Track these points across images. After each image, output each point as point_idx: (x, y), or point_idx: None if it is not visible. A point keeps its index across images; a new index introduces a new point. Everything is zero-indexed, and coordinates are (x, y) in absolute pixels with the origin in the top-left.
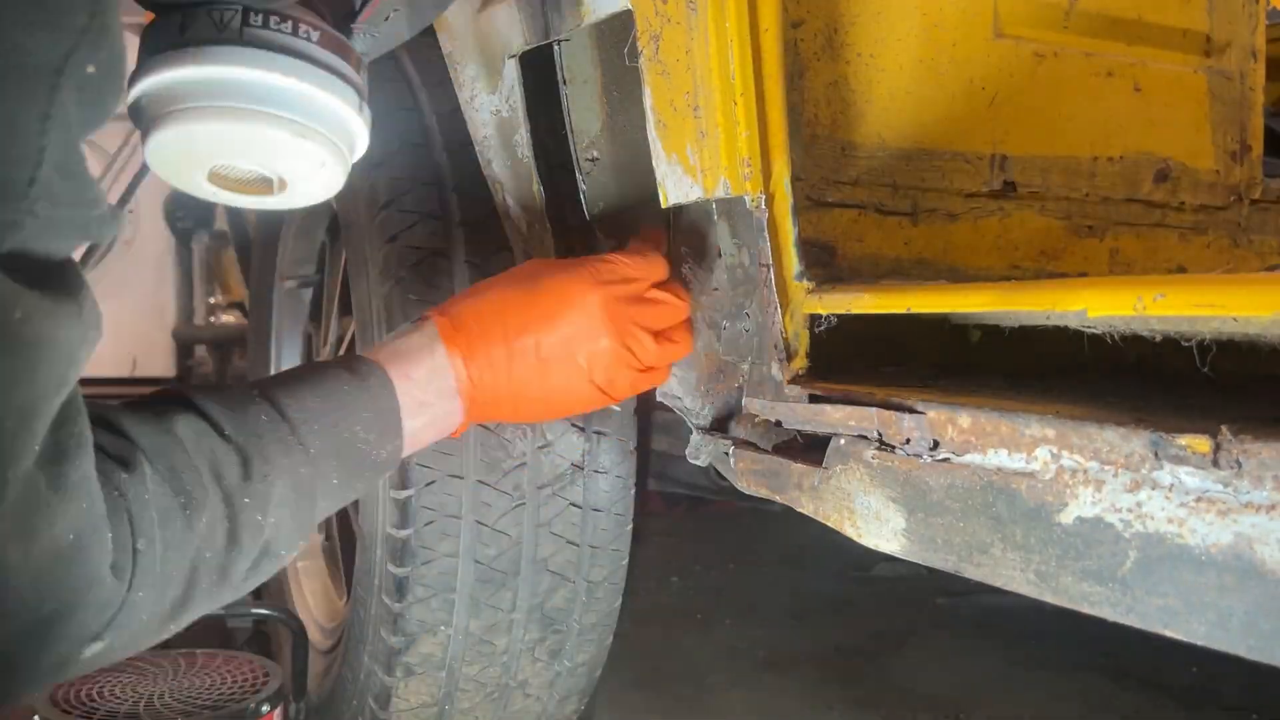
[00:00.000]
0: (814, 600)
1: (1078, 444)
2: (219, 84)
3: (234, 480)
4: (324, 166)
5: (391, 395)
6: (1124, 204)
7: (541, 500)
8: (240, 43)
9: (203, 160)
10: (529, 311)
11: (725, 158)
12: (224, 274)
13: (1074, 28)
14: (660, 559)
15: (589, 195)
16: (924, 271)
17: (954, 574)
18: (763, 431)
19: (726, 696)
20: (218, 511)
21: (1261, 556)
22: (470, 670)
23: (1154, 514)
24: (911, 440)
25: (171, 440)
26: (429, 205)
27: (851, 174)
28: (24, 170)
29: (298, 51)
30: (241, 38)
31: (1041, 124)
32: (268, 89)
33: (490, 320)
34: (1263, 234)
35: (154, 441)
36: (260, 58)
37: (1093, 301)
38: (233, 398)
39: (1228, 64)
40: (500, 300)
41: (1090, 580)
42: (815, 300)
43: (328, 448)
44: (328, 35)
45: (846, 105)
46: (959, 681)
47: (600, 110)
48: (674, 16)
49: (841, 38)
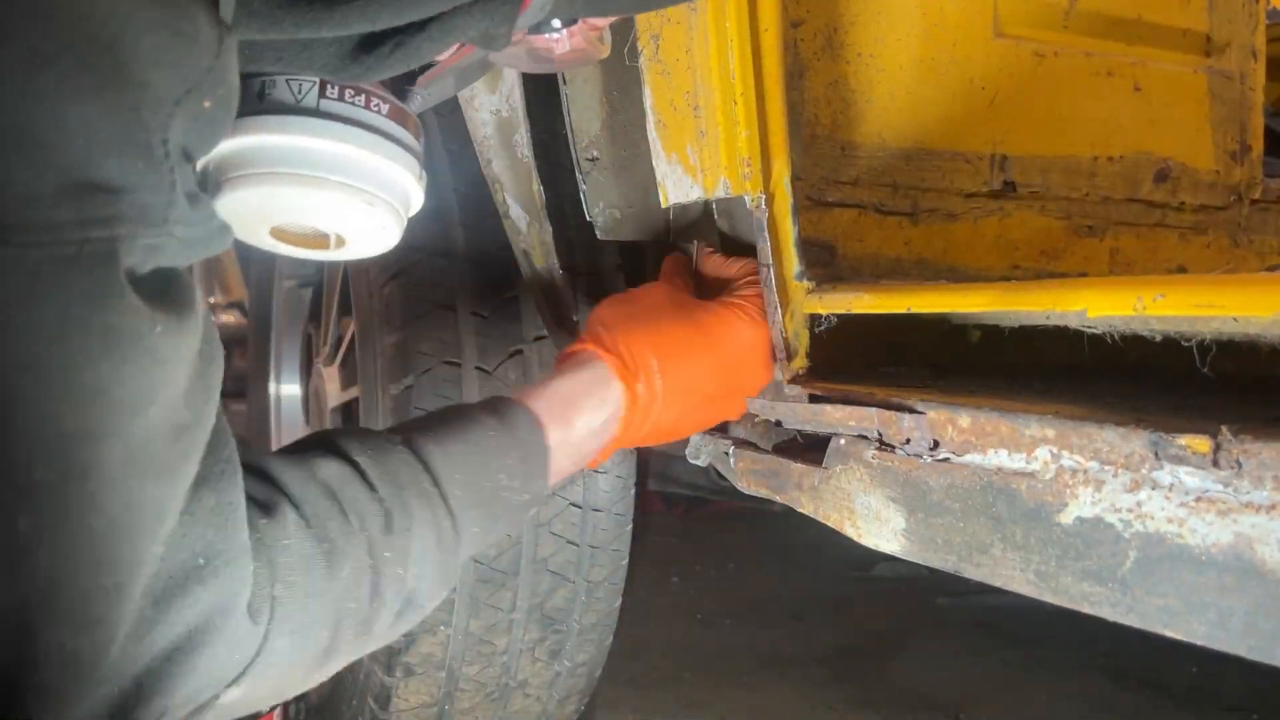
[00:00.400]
0: (814, 600)
1: (1078, 444)
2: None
3: (376, 531)
4: (385, 229)
5: (540, 441)
6: (1124, 204)
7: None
8: (317, 114)
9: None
10: (708, 355)
11: (725, 157)
12: (224, 274)
13: (1074, 28)
14: (660, 559)
15: (589, 195)
16: (924, 271)
17: (954, 574)
18: (763, 431)
19: (726, 696)
20: (361, 562)
21: (1261, 556)
22: (470, 670)
23: (1154, 514)
24: (911, 440)
25: (316, 486)
26: (429, 205)
27: (851, 174)
28: (162, 195)
29: (369, 125)
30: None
31: (1041, 124)
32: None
33: (670, 360)
34: (1263, 234)
35: (299, 487)
36: (336, 130)
37: (1093, 301)
38: (378, 444)
39: (1228, 64)
40: (675, 339)
41: (1090, 580)
42: (815, 300)
43: (469, 498)
44: (396, 108)
45: (846, 105)
46: (959, 681)
47: (600, 110)
48: (674, 16)
49: (841, 38)
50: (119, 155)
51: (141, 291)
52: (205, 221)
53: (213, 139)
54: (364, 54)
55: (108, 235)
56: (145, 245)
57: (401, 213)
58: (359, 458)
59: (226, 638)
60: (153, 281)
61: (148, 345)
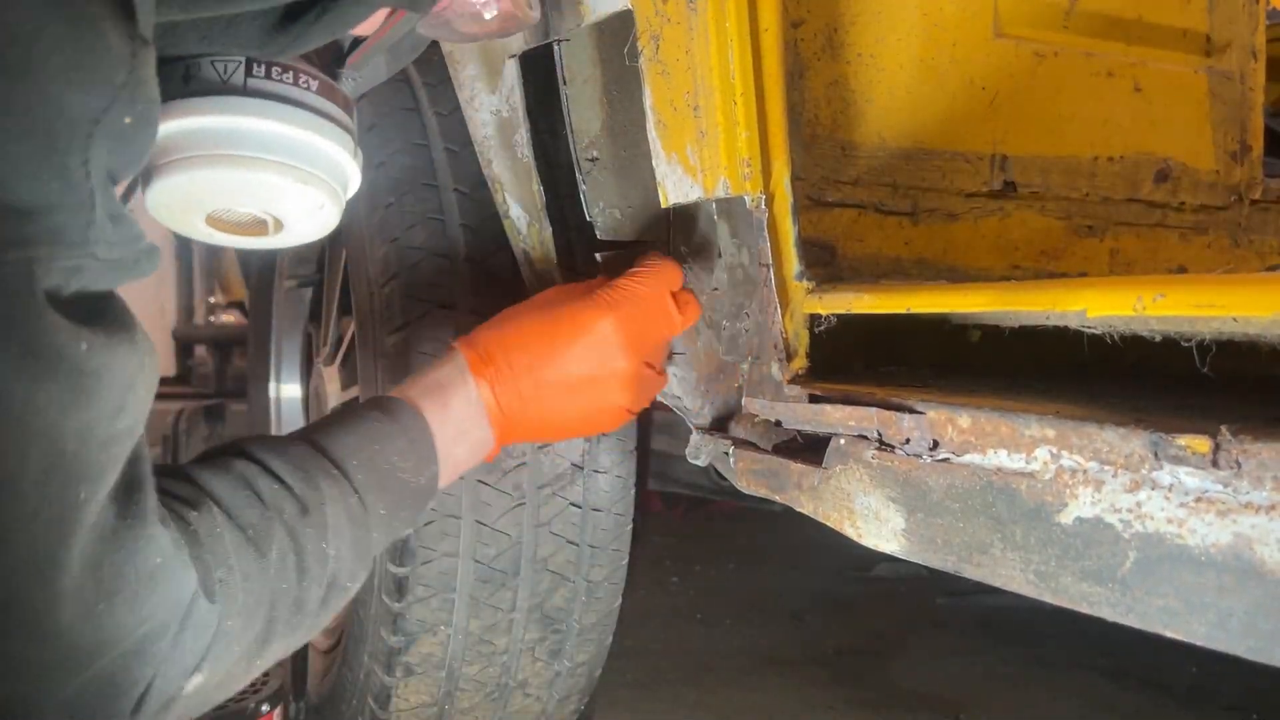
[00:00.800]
0: (814, 600)
1: (1078, 444)
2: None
3: (293, 513)
4: (322, 209)
5: (423, 426)
6: (1124, 204)
7: (541, 500)
8: (244, 93)
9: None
10: (551, 342)
11: (725, 157)
12: (224, 274)
13: (1074, 28)
14: (660, 559)
15: (589, 195)
16: (924, 271)
17: (954, 574)
18: (763, 431)
19: (726, 696)
20: (285, 544)
21: (1261, 557)
22: (470, 670)
23: (1154, 514)
24: (911, 440)
25: (233, 479)
26: (429, 205)
27: (851, 174)
28: (81, 216)
29: (298, 102)
30: (245, 88)
31: (1041, 124)
32: (272, 137)
33: (515, 351)
34: (1263, 234)
35: (217, 485)
36: (264, 107)
37: (1093, 301)
38: (279, 443)
39: (1228, 64)
40: (523, 331)
41: (1090, 580)
42: (815, 300)
43: (370, 480)
44: (325, 84)
45: (846, 105)
46: (959, 681)
47: (600, 110)
48: (674, 16)
49: (841, 37)
50: (33, 177)
51: (66, 311)
52: (130, 243)
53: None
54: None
55: (23, 257)
56: (64, 267)
57: (339, 191)
58: (264, 455)
59: (191, 623)
60: (80, 302)
61: (73, 363)
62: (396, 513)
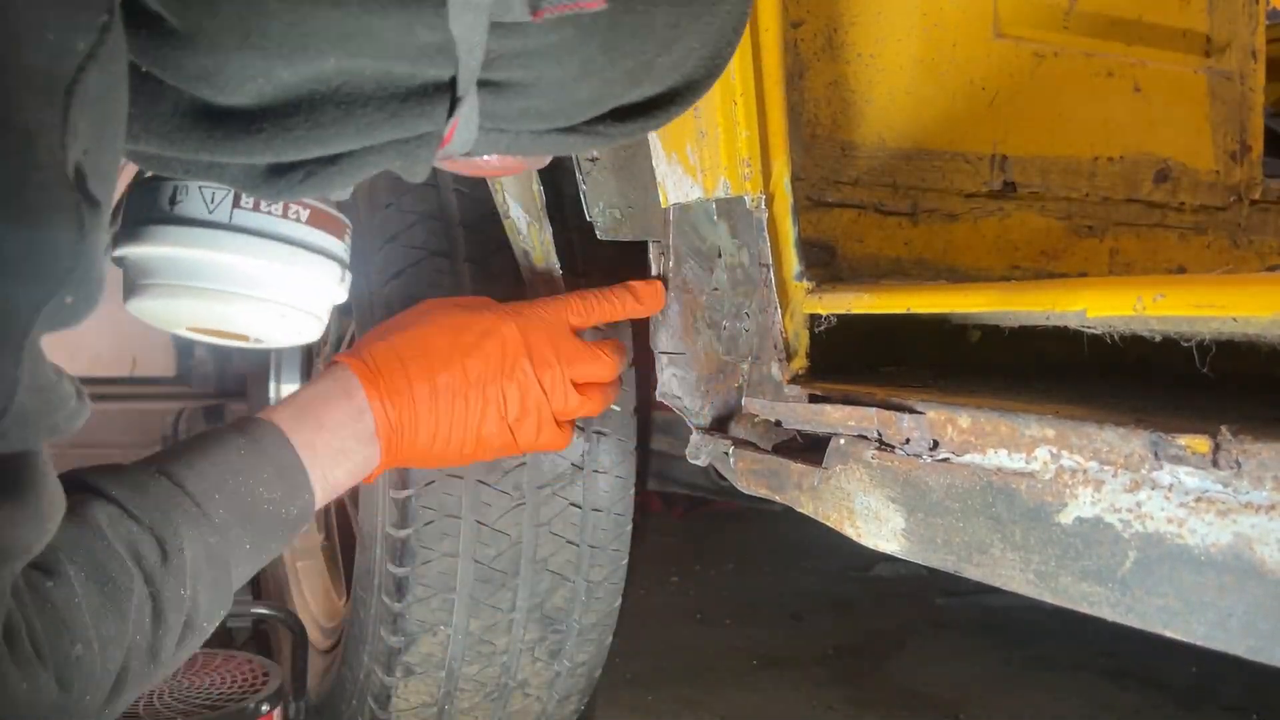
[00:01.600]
0: (814, 600)
1: (1077, 444)
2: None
3: (154, 561)
4: (300, 334)
5: (290, 452)
6: (1124, 204)
7: (541, 500)
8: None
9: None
10: (453, 346)
11: (725, 157)
12: None
13: (1074, 28)
14: (660, 559)
15: (589, 195)
16: (924, 271)
17: (954, 574)
18: (762, 431)
19: (726, 696)
20: (142, 594)
21: (1261, 556)
22: (470, 670)
23: (1154, 514)
24: (911, 440)
25: (89, 531)
26: (429, 205)
27: (851, 174)
28: None
29: (284, 237)
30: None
31: (1041, 124)
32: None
33: (412, 359)
34: (1263, 234)
35: (71, 537)
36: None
37: (1093, 301)
38: (134, 479)
39: (1228, 64)
40: (421, 338)
41: (1090, 580)
42: (815, 300)
43: (232, 516)
44: (317, 212)
45: (846, 105)
46: (959, 681)
47: None
48: None
49: (841, 38)
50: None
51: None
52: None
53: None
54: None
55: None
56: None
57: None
58: (118, 494)
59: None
60: None
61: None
62: (264, 544)
